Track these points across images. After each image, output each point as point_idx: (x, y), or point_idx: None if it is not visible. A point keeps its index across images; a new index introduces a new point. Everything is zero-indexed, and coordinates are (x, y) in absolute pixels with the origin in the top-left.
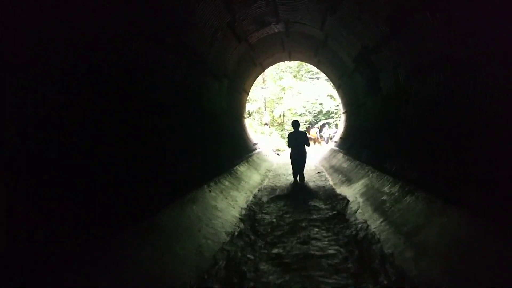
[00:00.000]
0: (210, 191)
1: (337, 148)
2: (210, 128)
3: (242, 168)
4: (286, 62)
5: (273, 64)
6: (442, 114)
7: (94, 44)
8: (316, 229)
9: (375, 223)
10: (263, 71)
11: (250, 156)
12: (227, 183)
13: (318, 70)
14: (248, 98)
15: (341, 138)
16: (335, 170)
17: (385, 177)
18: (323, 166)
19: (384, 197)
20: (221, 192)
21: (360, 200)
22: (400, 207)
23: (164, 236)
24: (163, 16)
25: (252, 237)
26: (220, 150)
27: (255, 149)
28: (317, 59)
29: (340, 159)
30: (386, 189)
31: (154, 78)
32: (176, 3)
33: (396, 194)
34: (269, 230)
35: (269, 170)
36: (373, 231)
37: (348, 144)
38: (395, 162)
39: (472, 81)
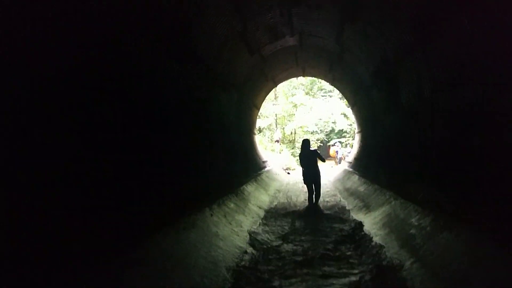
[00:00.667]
0: (211, 215)
1: (351, 169)
2: (217, 142)
3: (250, 188)
4: (299, 78)
5: (286, 79)
6: (480, 132)
7: (91, 47)
8: (333, 271)
9: (405, 264)
10: (275, 86)
11: (259, 174)
12: (232, 205)
13: (332, 88)
14: (259, 114)
15: (355, 158)
16: (351, 193)
17: (411, 206)
18: (337, 189)
19: (413, 231)
20: (225, 216)
21: (383, 232)
22: (434, 245)
23: (150, 272)
24: (167, 20)
25: (256, 278)
26: (227, 167)
27: (265, 167)
28: (331, 75)
29: (356, 182)
30: (413, 220)
31: (154, 85)
32: (182, 7)
33: (428, 228)
34: (276, 269)
35: (278, 191)
36: (404, 276)
37: (363, 165)
38: (422, 188)
39: None
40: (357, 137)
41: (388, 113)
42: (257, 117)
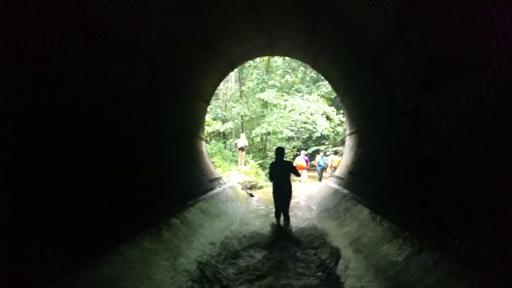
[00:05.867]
0: None
1: (346, 191)
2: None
3: None
4: (267, 63)
5: (247, 59)
6: None
7: None
8: None
9: None
10: (232, 68)
11: (186, 209)
12: None
13: (310, 89)
14: (221, 116)
15: (350, 172)
16: (370, 265)
17: None
18: (331, 235)
19: None
20: None
21: None
22: None
23: None
24: None
25: None
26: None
27: (211, 188)
28: (313, 47)
29: (368, 226)
30: None
31: None
32: None
33: None
34: None
35: (201, 266)
36: None
37: (369, 187)
38: None
39: None
40: (350, 141)
41: (437, 90)
42: (205, 112)
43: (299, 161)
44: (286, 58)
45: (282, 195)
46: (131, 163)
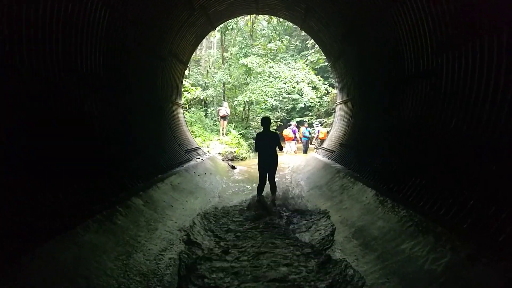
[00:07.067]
0: None
1: (339, 166)
2: None
3: None
4: (251, 28)
5: (229, 17)
6: None
7: None
8: None
9: None
10: (212, 27)
11: (153, 185)
12: None
13: (295, 58)
14: (202, 82)
15: (343, 145)
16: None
17: None
18: (340, 229)
19: None
20: None
21: None
22: None
23: None
24: None
25: None
26: None
27: (188, 159)
28: (304, 4)
29: (371, 206)
30: None
31: None
32: None
33: None
34: None
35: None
36: None
37: (372, 162)
38: None
39: None
40: (341, 111)
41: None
42: (183, 76)
43: (287, 131)
44: (272, 21)
45: (268, 165)
46: (81, 128)
